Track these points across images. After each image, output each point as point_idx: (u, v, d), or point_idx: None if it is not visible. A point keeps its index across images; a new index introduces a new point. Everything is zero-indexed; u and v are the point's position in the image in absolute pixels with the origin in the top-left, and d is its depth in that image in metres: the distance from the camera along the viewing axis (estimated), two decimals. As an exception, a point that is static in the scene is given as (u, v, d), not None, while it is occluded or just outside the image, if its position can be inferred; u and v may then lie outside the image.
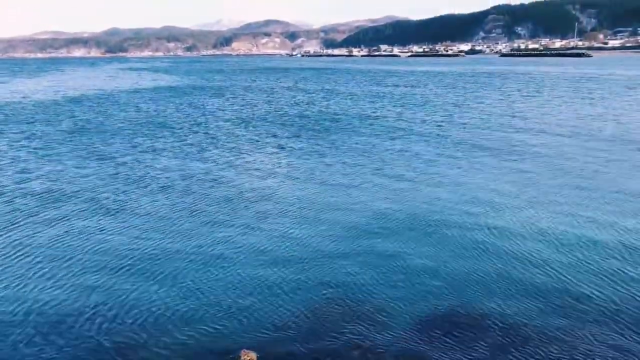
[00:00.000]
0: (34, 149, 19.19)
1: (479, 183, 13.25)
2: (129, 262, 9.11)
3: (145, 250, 9.65)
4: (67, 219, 11.06)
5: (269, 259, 9.04)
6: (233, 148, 18.75)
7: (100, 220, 11.09)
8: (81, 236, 10.13)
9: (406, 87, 49.43)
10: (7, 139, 21.21)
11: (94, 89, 51.04)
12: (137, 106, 34.23)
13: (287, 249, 9.66)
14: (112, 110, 31.42)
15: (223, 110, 32.00)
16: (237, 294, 7.97)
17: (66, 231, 10.35)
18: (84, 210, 11.63)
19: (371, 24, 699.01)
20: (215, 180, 14.23)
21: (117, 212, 11.58)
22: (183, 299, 7.85)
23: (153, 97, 41.87)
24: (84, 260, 9.02)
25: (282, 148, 18.36)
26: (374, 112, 28.91)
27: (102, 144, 19.76)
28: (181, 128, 24.08)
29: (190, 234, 10.44)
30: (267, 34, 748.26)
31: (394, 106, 32.62)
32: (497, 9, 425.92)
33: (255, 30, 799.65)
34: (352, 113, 29.32)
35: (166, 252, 9.54)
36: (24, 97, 41.70)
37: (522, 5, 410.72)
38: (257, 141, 20.44)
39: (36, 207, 12.00)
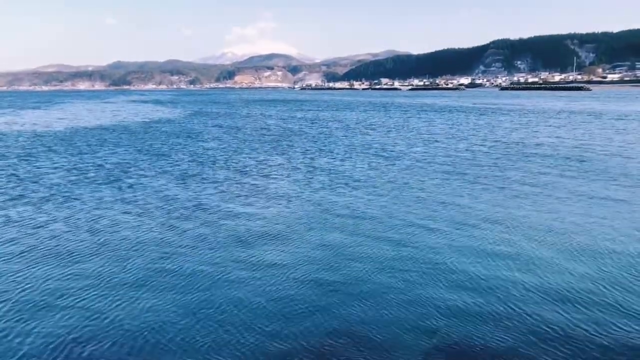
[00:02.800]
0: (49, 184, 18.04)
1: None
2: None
3: (146, 272, 9.14)
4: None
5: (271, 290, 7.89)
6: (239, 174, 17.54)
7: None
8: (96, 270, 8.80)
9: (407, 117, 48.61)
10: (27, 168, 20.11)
11: (96, 122, 50.45)
12: (142, 139, 33.38)
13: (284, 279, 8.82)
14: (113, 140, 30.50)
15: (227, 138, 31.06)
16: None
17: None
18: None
19: (372, 58, 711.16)
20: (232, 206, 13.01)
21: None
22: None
23: (154, 128, 41.11)
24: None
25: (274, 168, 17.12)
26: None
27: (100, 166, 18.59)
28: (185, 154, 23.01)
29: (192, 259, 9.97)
30: (270, 68, 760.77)
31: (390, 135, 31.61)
32: (497, 44, 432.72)
33: (258, 64, 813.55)
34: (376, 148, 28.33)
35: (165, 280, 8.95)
36: (30, 129, 40.96)
37: (521, 39, 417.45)
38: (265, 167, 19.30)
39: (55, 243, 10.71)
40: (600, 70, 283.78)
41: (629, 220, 12.08)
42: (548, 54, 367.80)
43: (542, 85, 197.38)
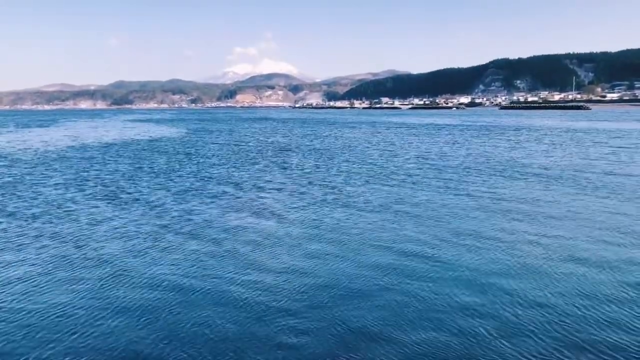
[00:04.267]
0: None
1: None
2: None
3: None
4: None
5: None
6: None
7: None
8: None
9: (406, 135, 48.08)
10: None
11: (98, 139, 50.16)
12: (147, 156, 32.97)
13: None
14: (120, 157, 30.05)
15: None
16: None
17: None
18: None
19: (372, 78, 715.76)
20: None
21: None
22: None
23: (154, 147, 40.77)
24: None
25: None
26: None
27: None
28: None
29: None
30: (271, 87, 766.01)
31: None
32: (496, 63, 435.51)
33: (259, 83, 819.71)
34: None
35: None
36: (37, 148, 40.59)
37: (520, 59, 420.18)
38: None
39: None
40: (599, 89, 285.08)
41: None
42: (547, 74, 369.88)
43: (542, 105, 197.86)
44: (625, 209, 14.79)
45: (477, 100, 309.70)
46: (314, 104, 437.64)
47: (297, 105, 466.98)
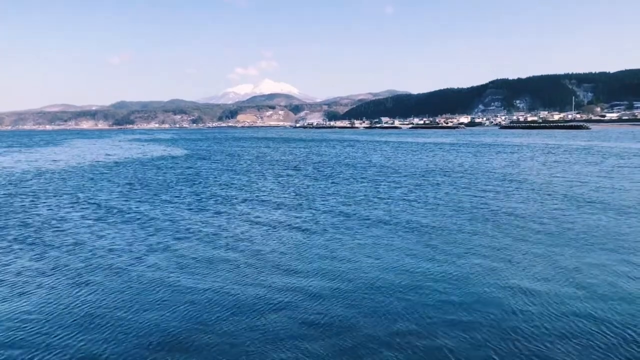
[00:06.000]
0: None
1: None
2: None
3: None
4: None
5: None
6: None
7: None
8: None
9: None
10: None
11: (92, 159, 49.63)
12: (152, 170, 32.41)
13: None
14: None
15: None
16: None
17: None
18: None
19: (372, 98, 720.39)
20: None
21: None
22: None
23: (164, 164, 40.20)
24: None
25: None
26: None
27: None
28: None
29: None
30: (272, 107, 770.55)
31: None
32: (495, 83, 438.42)
33: (260, 103, 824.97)
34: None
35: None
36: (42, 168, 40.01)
37: (519, 79, 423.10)
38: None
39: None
40: (598, 109, 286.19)
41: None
42: (547, 93, 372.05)
43: (542, 124, 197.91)
44: None
45: (477, 120, 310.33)
46: (315, 124, 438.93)
47: (297, 125, 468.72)
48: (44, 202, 21.20)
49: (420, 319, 8.22)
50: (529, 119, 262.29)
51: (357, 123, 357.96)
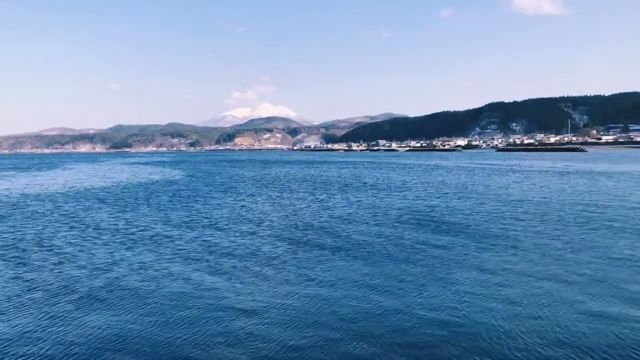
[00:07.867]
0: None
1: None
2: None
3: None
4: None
5: None
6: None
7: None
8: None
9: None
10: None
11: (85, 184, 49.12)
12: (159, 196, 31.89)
13: None
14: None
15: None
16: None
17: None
18: None
19: (369, 121, 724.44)
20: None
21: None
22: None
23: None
24: None
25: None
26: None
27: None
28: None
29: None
30: (269, 130, 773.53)
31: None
32: (492, 106, 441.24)
33: (258, 126, 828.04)
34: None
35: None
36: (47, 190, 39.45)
37: (515, 102, 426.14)
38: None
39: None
40: (594, 132, 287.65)
41: None
42: (543, 116, 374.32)
43: (539, 147, 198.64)
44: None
45: (473, 143, 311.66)
46: (312, 147, 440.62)
47: (295, 148, 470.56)
48: (33, 226, 20.71)
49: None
50: (526, 141, 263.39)
51: (354, 146, 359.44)
